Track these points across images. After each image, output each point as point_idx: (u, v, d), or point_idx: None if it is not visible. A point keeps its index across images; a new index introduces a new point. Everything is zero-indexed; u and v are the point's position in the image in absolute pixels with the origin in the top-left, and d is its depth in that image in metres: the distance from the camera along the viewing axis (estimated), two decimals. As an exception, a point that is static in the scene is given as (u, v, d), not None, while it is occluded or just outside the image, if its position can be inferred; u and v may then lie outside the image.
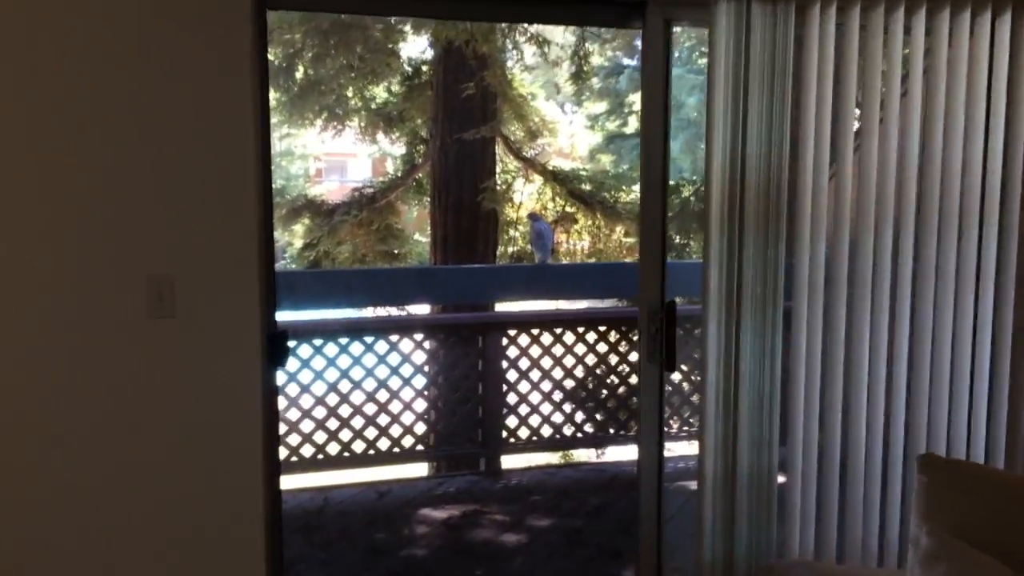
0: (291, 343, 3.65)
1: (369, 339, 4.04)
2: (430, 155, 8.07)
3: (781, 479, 2.56)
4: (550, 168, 8.35)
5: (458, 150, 7.57)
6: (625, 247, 9.34)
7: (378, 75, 8.59)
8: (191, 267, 2.18)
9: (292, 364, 3.96)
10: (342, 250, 8.72)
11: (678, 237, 7.30)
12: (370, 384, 4.08)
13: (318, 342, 3.99)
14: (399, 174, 8.82)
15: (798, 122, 2.47)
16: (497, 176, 8.13)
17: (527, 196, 9.36)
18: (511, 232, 9.18)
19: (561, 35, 7.57)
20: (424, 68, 8.81)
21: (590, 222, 9.22)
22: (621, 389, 4.41)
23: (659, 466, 2.61)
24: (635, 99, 29.25)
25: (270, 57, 7.88)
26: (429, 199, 8.06)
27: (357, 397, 4.07)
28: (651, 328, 2.54)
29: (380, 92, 9.60)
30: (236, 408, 2.25)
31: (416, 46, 8.98)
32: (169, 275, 2.16)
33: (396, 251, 9.34)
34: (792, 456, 2.58)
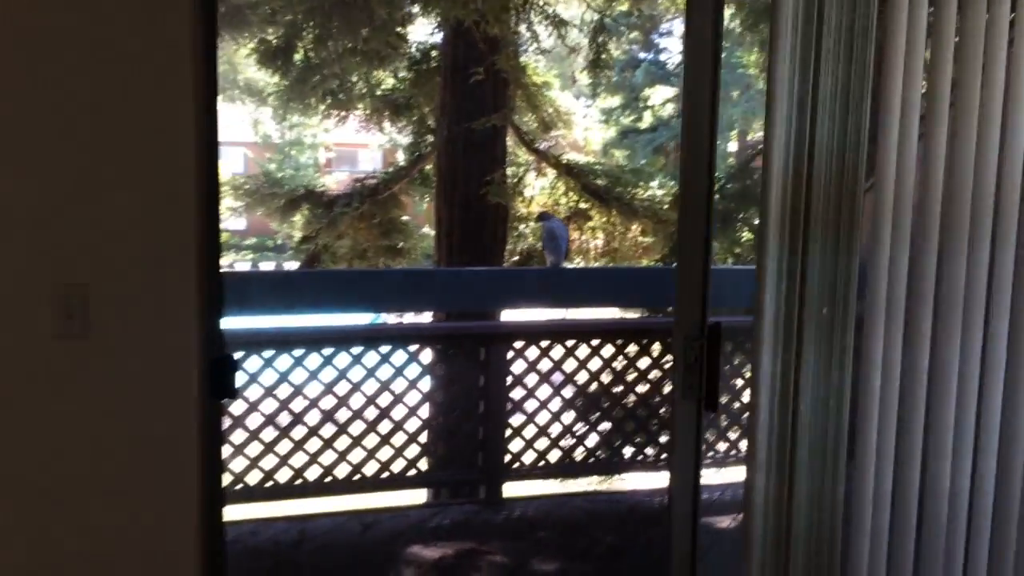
0: (253, 360, 3.26)
1: (357, 350, 3.57)
2: (436, 145, 7.58)
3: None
4: (564, 161, 7.84)
5: (467, 140, 7.08)
6: (642, 247, 8.83)
7: (384, 59, 8.11)
8: (108, 274, 1.71)
9: (269, 376, 3.50)
10: (342, 244, 8.26)
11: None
12: (357, 400, 3.61)
13: (298, 352, 3.52)
14: (404, 165, 8.34)
15: (880, 102, 1.98)
16: (507, 169, 7.64)
17: (538, 191, 8.86)
18: (521, 228, 8.69)
19: (579, 17, 7.06)
20: (433, 53, 8.33)
21: (604, 219, 8.71)
22: (640, 410, 3.93)
23: (693, 526, 2.12)
24: (651, 93, 28.73)
25: (268, 37, 7.42)
26: (434, 192, 7.58)
27: (342, 415, 3.61)
28: (688, 357, 2.04)
29: (386, 78, 9.13)
30: (164, 456, 1.78)
31: (424, 29, 8.51)
32: (80, 285, 1.69)
33: (400, 245, 8.88)
34: (858, 516, 2.09)
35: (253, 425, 3.52)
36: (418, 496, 4.56)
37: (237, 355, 3.57)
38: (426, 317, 3.99)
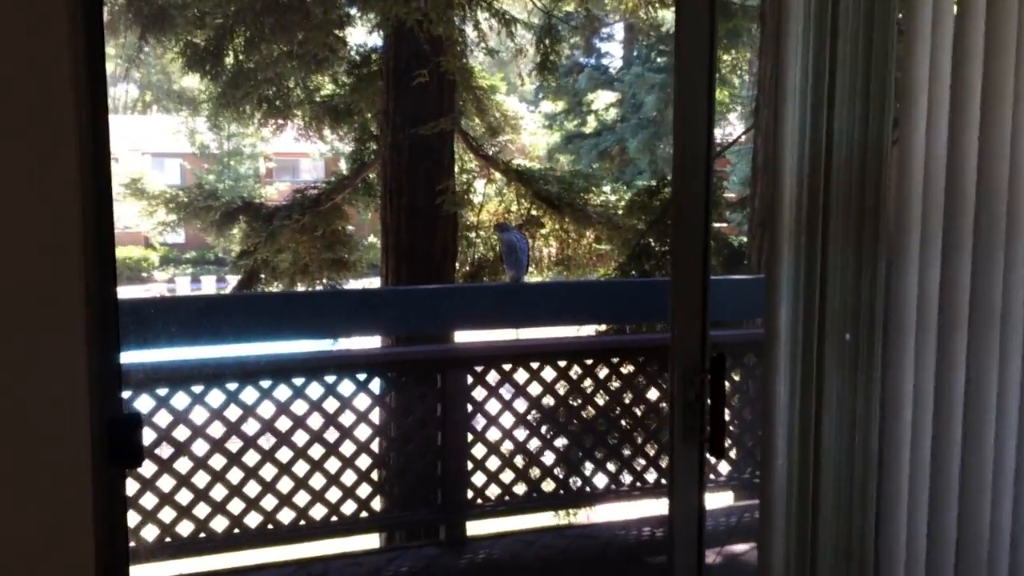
0: (180, 396, 2.87)
1: (299, 381, 3.20)
2: (380, 152, 7.21)
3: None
4: (514, 167, 7.53)
5: (412, 147, 6.73)
6: (596, 254, 8.56)
7: (322, 63, 7.71)
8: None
9: (199, 414, 3.10)
10: (283, 258, 7.82)
11: (657, 245, 6.55)
12: (300, 437, 3.23)
13: (232, 385, 3.14)
14: (347, 174, 7.94)
15: (906, 90, 1.70)
16: (456, 175, 7.30)
17: (488, 198, 8.54)
18: (471, 236, 8.34)
19: (525, 17, 6.76)
20: (374, 56, 7.96)
21: (557, 226, 8.43)
22: (611, 434, 3.63)
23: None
24: (594, 98, 28.64)
25: (195, 40, 6.96)
26: (380, 202, 7.20)
27: (283, 454, 3.23)
28: (688, 393, 1.74)
29: (325, 83, 8.72)
30: (52, 540, 1.39)
31: (364, 32, 8.13)
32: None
33: (345, 258, 8.47)
34: (889, 568, 1.81)
35: (183, 469, 3.11)
36: (372, 541, 4.19)
37: (162, 391, 3.20)
38: (370, 342, 3.60)
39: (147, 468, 3.06)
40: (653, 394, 3.73)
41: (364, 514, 3.34)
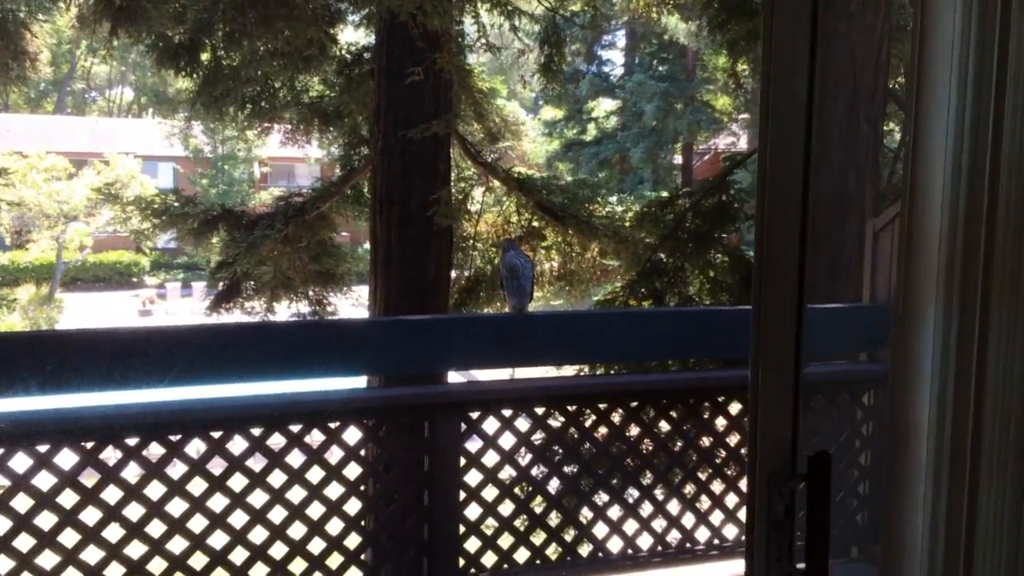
0: (109, 451, 2.29)
1: (257, 431, 2.65)
2: (371, 158, 6.67)
3: None
4: (515, 175, 7.00)
5: (405, 152, 6.19)
6: (600, 268, 8.03)
7: (309, 61, 7.17)
8: None
9: (132, 472, 2.55)
10: (264, 271, 7.27)
11: (670, 261, 6.01)
12: (258, 498, 2.68)
13: (174, 436, 2.58)
14: (334, 181, 7.40)
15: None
16: (452, 185, 6.76)
17: (484, 207, 8.00)
18: (468, 249, 7.79)
19: (530, 14, 6.23)
20: (366, 56, 7.43)
21: (560, 239, 7.89)
22: (629, 492, 3.08)
23: None
24: (594, 105, 28.13)
25: (167, 33, 6.42)
26: (369, 211, 6.66)
27: (237, 518, 2.67)
28: (774, 509, 1.21)
29: (315, 84, 8.19)
30: None
31: (356, 29, 7.61)
32: None
33: (334, 271, 7.92)
34: None
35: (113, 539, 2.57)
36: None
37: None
38: (346, 382, 3.04)
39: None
40: (667, 434, 3.19)
41: (336, 589, 2.79)
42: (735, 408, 3.21)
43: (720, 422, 3.21)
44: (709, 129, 25.88)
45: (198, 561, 2.57)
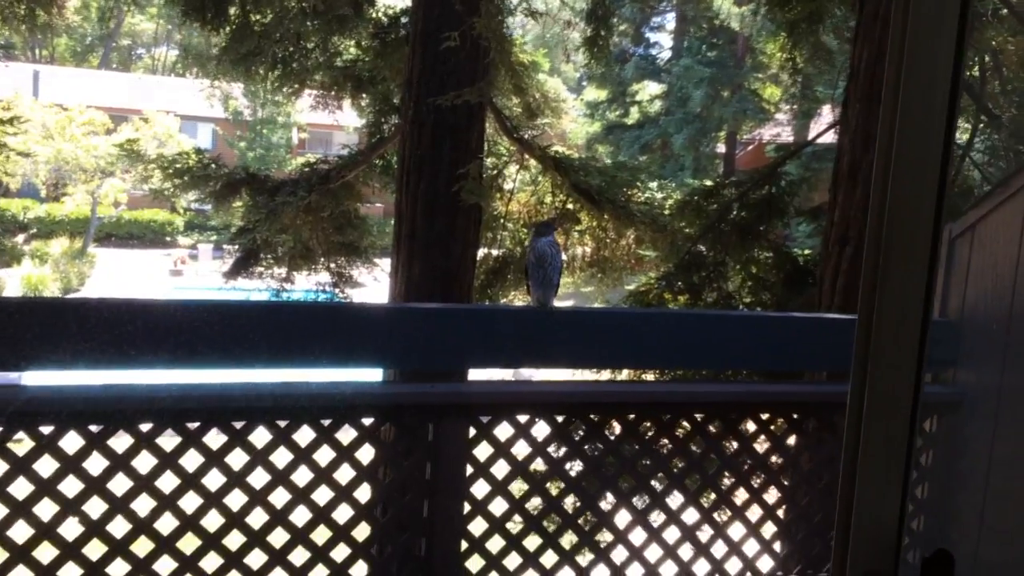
0: (72, 437, 1.97)
1: (238, 424, 2.36)
2: (400, 127, 6.34)
3: None
4: (552, 154, 6.62)
5: (436, 122, 5.84)
6: (634, 257, 7.63)
7: (345, 22, 6.85)
8: None
9: (97, 463, 2.28)
10: (285, 239, 7.00)
11: (711, 254, 5.63)
12: (237, 499, 2.39)
13: (145, 426, 2.29)
14: (361, 149, 7.08)
15: None
16: (485, 159, 6.41)
17: (518, 186, 7.64)
18: (497, 229, 7.45)
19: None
20: (404, 20, 7.10)
21: (595, 224, 7.50)
22: (652, 511, 2.75)
23: None
24: (639, 88, 27.54)
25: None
26: (395, 183, 6.33)
27: (212, 520, 2.38)
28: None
29: (349, 47, 7.86)
30: None
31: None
32: None
33: (357, 244, 7.63)
34: None
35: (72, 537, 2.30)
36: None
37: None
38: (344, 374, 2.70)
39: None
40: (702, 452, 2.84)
41: (318, 605, 2.49)
42: (781, 426, 2.86)
43: (763, 442, 2.85)
44: (755, 119, 25.21)
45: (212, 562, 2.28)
